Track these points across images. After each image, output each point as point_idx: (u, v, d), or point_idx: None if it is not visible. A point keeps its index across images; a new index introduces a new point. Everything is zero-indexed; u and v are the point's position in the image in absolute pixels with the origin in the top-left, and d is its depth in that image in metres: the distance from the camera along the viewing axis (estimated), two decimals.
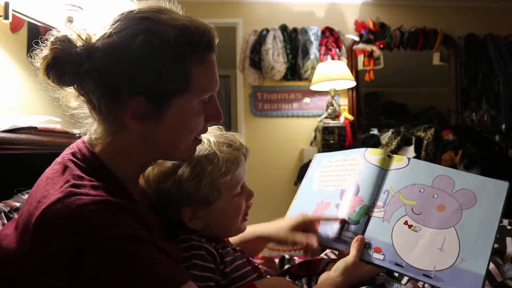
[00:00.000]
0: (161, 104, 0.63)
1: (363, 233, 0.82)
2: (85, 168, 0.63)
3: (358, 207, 0.85)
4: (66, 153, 0.66)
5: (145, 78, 0.60)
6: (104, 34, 0.61)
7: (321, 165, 1.03)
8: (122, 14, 0.62)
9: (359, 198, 0.87)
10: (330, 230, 0.85)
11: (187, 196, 0.73)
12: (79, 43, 0.61)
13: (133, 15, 0.62)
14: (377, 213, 0.83)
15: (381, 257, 0.77)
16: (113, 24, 0.61)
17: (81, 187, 0.58)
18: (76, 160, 0.64)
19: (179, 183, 0.72)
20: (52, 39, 0.61)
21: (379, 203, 0.85)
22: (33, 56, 0.62)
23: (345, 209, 0.87)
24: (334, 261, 0.87)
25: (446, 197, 0.79)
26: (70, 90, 0.66)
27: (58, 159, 0.67)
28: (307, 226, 0.88)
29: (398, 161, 0.90)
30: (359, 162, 0.93)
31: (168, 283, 0.57)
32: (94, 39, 0.61)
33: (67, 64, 0.60)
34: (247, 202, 0.82)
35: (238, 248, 0.82)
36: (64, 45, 0.60)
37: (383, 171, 0.89)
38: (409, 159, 0.89)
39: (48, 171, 0.65)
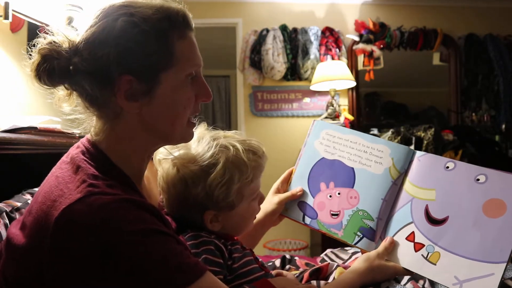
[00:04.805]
0: (151, 80, 0.64)
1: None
2: (96, 166, 0.64)
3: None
4: (74, 152, 0.67)
5: (131, 55, 0.62)
6: (87, 28, 0.64)
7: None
8: (101, 9, 0.65)
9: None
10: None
11: (216, 201, 0.76)
12: (65, 46, 0.64)
13: (111, 6, 0.65)
14: None
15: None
16: (94, 19, 0.64)
17: (99, 187, 0.59)
18: (87, 159, 0.65)
19: (209, 188, 0.75)
20: (39, 45, 0.64)
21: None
22: (24, 65, 0.66)
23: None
24: (345, 267, 0.88)
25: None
26: (62, 92, 0.68)
27: (66, 159, 0.67)
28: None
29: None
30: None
31: (192, 272, 0.58)
32: (78, 39, 0.64)
33: (55, 60, 0.63)
34: (258, 205, 0.86)
35: (247, 247, 0.84)
36: (51, 46, 0.63)
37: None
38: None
39: (57, 171, 0.65)
